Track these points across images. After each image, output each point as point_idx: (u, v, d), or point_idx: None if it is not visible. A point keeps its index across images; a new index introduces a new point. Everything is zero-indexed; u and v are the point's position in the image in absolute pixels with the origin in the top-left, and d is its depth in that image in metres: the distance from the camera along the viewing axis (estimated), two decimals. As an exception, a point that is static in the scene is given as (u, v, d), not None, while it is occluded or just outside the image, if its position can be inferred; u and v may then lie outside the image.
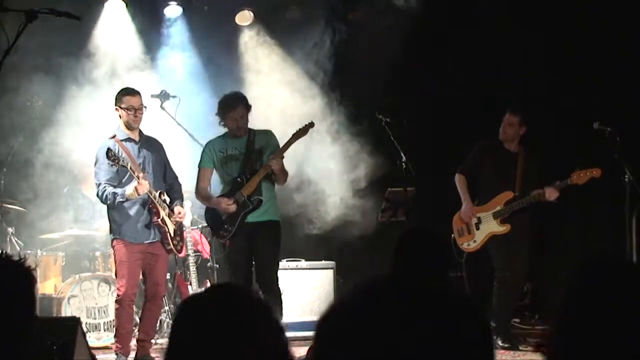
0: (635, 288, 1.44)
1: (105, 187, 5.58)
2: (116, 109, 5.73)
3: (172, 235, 5.81)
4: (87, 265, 7.15)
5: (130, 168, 5.52)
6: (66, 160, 7.48)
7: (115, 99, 5.77)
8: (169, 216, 5.79)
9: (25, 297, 2.21)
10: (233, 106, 5.88)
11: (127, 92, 5.82)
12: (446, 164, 6.96)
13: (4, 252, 2.28)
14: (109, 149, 5.47)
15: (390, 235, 6.73)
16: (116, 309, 5.74)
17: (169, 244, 5.77)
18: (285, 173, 6.00)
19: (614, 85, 7.25)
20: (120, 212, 5.66)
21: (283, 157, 5.96)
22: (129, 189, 5.55)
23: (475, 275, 7.01)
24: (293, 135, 5.95)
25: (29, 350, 2.17)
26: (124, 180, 5.64)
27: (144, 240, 5.69)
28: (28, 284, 2.21)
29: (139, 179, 5.52)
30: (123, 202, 5.58)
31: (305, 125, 6.01)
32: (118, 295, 5.67)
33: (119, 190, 5.58)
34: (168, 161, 6.01)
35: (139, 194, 5.54)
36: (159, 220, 5.68)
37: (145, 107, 5.83)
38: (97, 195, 5.67)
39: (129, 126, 5.74)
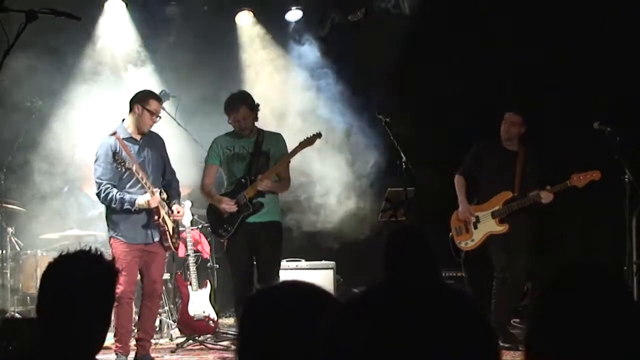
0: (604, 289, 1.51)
1: (108, 188, 5.55)
2: (137, 107, 5.66)
3: (171, 233, 5.82)
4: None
5: (137, 172, 5.52)
6: (66, 160, 7.48)
7: (140, 97, 5.70)
8: (168, 215, 5.79)
9: (106, 298, 2.23)
10: (235, 108, 5.88)
11: (155, 96, 5.79)
12: (446, 164, 6.96)
13: (97, 249, 2.29)
14: (115, 154, 5.47)
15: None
16: (115, 307, 5.72)
17: (168, 242, 5.78)
18: (281, 187, 5.99)
19: (613, 85, 7.25)
20: (118, 213, 5.65)
21: (289, 162, 5.97)
22: (140, 200, 5.54)
23: (475, 275, 7.01)
24: (300, 144, 5.94)
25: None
26: (124, 177, 5.64)
27: (141, 241, 5.68)
28: (112, 284, 2.24)
29: (152, 192, 5.54)
30: (130, 209, 5.57)
31: (313, 135, 5.98)
32: (116, 293, 5.64)
33: (127, 197, 5.55)
34: (167, 157, 5.99)
35: (150, 207, 5.56)
36: (160, 219, 5.68)
37: (160, 116, 5.82)
38: (98, 193, 5.61)
39: (140, 127, 5.72)
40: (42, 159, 7.54)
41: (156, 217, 5.67)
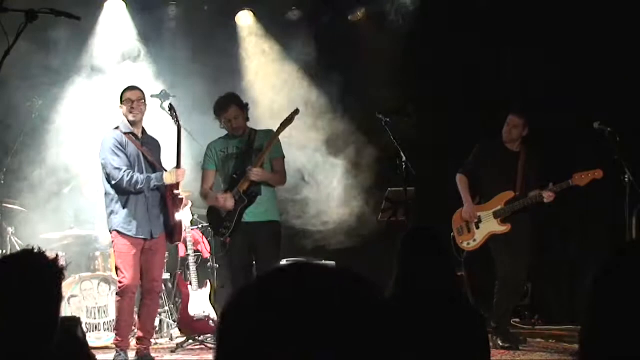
0: None
1: (130, 172, 5.62)
2: (120, 107, 5.79)
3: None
4: (87, 265, 7.15)
5: (148, 156, 5.67)
6: (66, 160, 7.48)
7: (120, 97, 5.83)
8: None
9: (51, 295, 2.23)
10: (225, 108, 5.91)
11: (127, 88, 5.90)
12: (446, 164, 6.96)
13: (38, 248, 2.30)
14: (121, 143, 5.61)
15: (390, 235, 6.75)
16: (117, 302, 5.72)
17: (179, 234, 5.90)
18: (276, 179, 5.99)
19: (614, 85, 7.25)
20: (121, 207, 5.67)
21: (282, 155, 5.98)
22: (167, 174, 5.66)
23: (475, 275, 7.02)
24: (281, 124, 5.93)
25: (53, 350, 2.18)
26: (136, 166, 5.71)
27: (143, 235, 5.70)
28: (57, 281, 2.23)
29: (174, 168, 5.68)
30: (158, 185, 5.67)
31: (291, 113, 5.98)
32: (120, 287, 5.65)
33: (153, 175, 5.66)
34: (161, 163, 6.03)
35: (177, 181, 5.68)
36: (176, 191, 5.78)
37: (144, 101, 5.84)
38: (120, 180, 5.60)
39: (130, 119, 5.76)
40: (42, 159, 7.54)
41: (175, 191, 5.75)
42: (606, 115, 6.37)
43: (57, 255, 2.40)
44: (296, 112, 6.00)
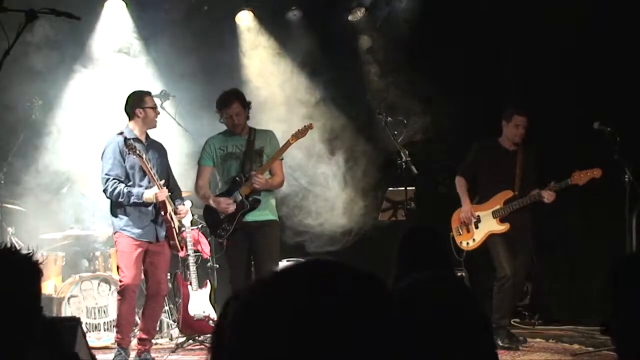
0: None
1: (115, 182, 5.58)
2: (138, 111, 5.70)
3: (177, 231, 5.85)
4: (87, 265, 7.15)
5: (147, 162, 5.55)
6: (66, 160, 7.48)
7: (135, 101, 5.73)
8: (175, 212, 5.84)
9: (29, 291, 2.22)
10: (228, 103, 5.91)
11: (146, 92, 5.84)
12: (447, 164, 6.96)
13: (12, 245, 2.30)
14: (126, 139, 5.49)
15: (390, 235, 6.76)
16: (118, 300, 5.72)
17: (174, 239, 5.80)
18: (275, 183, 6.00)
19: (614, 85, 7.25)
20: (125, 210, 5.66)
21: (282, 157, 5.97)
22: (148, 193, 5.57)
23: (475, 275, 7.01)
24: (292, 136, 5.96)
25: (35, 347, 2.17)
26: (131, 174, 5.66)
27: (147, 238, 5.70)
28: (32, 277, 2.23)
29: (159, 186, 5.59)
30: (138, 203, 5.59)
31: (304, 126, 6.02)
32: (120, 286, 5.65)
33: (134, 191, 5.59)
34: (170, 168, 6.02)
35: (157, 200, 5.59)
36: (167, 215, 5.71)
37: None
38: (105, 189, 5.62)
39: (149, 126, 5.75)
40: (42, 159, 7.53)
41: (163, 213, 5.69)
42: (606, 115, 6.37)
43: (31, 251, 2.39)
44: (310, 126, 6.03)
